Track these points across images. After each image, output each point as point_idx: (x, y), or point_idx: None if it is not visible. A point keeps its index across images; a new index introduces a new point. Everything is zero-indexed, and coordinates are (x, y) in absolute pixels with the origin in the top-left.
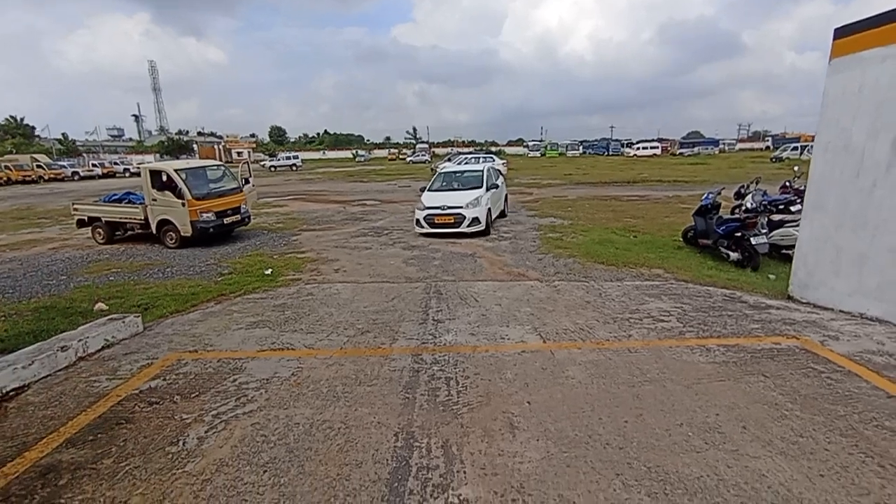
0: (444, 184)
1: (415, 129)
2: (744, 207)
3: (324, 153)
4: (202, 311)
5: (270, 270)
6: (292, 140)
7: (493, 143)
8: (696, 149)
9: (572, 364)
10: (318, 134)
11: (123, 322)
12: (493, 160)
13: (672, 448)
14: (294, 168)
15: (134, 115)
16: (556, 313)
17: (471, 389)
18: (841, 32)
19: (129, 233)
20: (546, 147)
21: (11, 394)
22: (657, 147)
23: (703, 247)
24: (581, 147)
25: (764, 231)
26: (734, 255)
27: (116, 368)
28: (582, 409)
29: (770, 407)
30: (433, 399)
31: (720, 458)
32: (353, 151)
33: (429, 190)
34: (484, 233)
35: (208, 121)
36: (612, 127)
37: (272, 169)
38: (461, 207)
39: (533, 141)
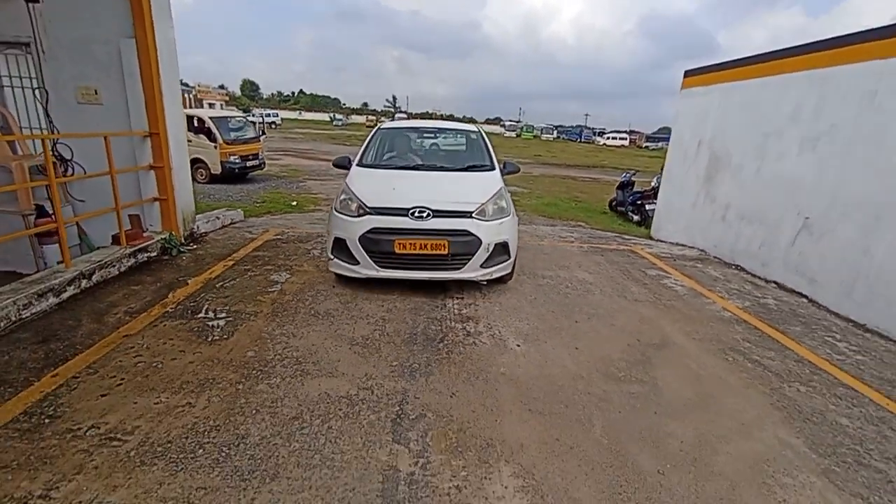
0: (398, 155)
1: (394, 98)
2: (651, 185)
3: (300, 113)
4: (267, 217)
5: (295, 202)
6: (265, 97)
7: (472, 120)
8: (660, 143)
9: None
10: (294, 93)
11: (236, 211)
12: None
13: (543, 270)
14: (273, 126)
15: None
16: None
17: None
18: (687, 73)
19: None
20: (522, 128)
21: (203, 234)
22: (626, 138)
23: (620, 212)
24: (555, 131)
25: (655, 201)
26: (636, 217)
27: (250, 230)
28: None
29: (596, 263)
30: None
31: (563, 273)
32: (331, 114)
33: (360, 164)
34: (503, 280)
35: None
36: (586, 115)
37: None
38: (466, 215)
39: (510, 121)
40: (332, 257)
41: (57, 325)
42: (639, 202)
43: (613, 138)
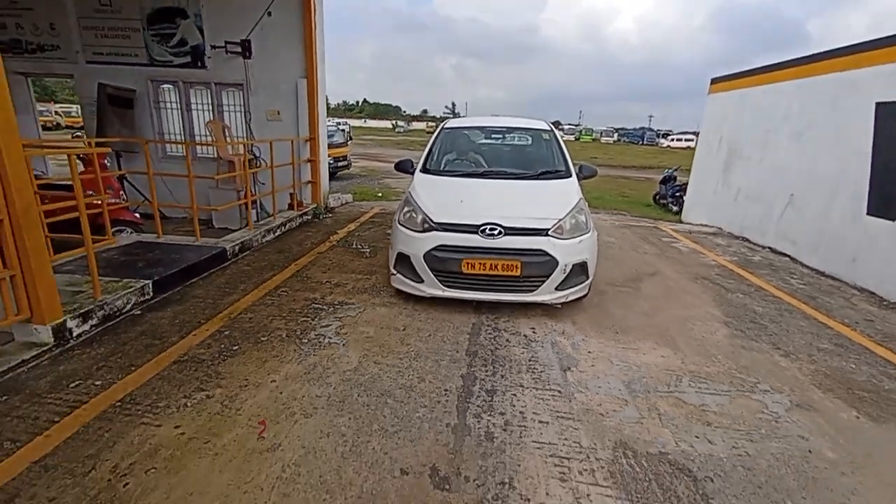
0: (464, 159)
1: (453, 105)
2: None
3: (365, 121)
4: (365, 202)
5: (381, 194)
6: (332, 106)
7: None
8: None
9: None
10: (358, 102)
11: (348, 195)
12: None
13: None
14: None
15: None
16: None
17: None
18: (713, 81)
19: None
20: (581, 132)
21: (333, 208)
22: (692, 139)
23: (662, 205)
24: (616, 134)
25: None
26: (675, 208)
27: (361, 207)
28: None
29: (622, 233)
30: None
31: (601, 239)
32: (393, 122)
33: (425, 169)
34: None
35: None
36: (650, 116)
37: None
38: (542, 233)
39: (569, 124)
40: (395, 272)
41: (280, 247)
42: (678, 194)
43: (678, 140)
